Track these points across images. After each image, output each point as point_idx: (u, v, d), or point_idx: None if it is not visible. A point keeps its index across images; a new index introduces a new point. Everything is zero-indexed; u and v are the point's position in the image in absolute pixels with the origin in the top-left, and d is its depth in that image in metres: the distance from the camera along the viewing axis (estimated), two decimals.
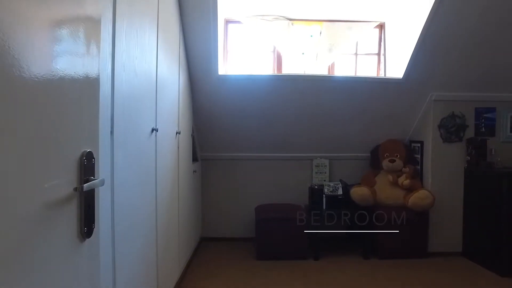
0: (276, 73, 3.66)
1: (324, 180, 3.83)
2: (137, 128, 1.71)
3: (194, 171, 3.47)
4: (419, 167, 3.65)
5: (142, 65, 1.77)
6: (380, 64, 3.75)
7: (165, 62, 2.31)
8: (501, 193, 3.05)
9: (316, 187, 3.63)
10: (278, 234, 3.35)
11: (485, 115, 3.53)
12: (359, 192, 3.39)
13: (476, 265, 3.29)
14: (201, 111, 3.54)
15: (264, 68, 3.73)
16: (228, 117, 3.58)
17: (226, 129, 3.70)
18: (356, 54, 3.78)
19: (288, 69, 3.67)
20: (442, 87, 3.42)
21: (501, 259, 3.05)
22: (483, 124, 3.53)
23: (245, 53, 3.74)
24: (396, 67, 3.42)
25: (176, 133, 2.63)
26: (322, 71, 3.62)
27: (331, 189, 3.55)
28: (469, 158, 3.45)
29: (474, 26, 2.94)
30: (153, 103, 2.00)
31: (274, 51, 3.71)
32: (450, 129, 3.48)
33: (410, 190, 3.40)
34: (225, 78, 3.32)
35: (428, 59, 3.16)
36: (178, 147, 2.68)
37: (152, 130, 1.95)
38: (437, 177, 3.49)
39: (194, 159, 3.71)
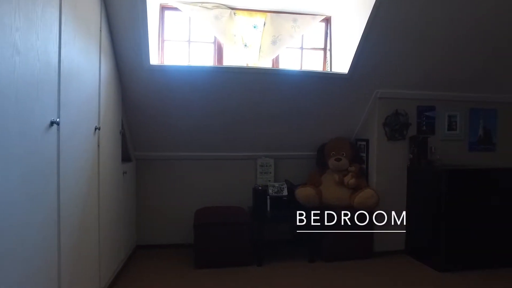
0: (216, 65, 3.38)
1: (269, 181, 3.64)
2: (22, 120, 1.34)
3: (124, 173, 3.07)
4: (364, 165, 3.59)
5: (30, 41, 1.40)
6: (326, 59, 3.63)
7: (76, 45, 1.92)
8: (440, 191, 3.06)
9: (260, 188, 3.42)
10: (219, 239, 3.08)
11: (426, 113, 3.56)
12: (304, 193, 3.23)
13: (417, 262, 3.29)
14: (133, 105, 3.16)
15: (204, 59, 3.44)
16: (165, 112, 3.24)
17: (163, 126, 3.35)
18: (301, 48, 3.63)
19: (230, 61, 3.41)
20: (387, 84, 3.38)
21: (439, 255, 3.07)
22: (424, 123, 3.56)
23: (183, 43, 3.41)
24: (342, 63, 3.31)
25: (95, 128, 2.25)
26: (266, 64, 3.41)
27: (275, 190, 3.37)
28: (411, 156, 3.46)
29: (415, 24, 2.90)
30: (53, 90, 1.62)
31: (214, 41, 3.43)
32: (394, 127, 3.45)
33: (355, 189, 3.32)
34: (158, 69, 2.97)
35: (372, 55, 3.07)
36: (98, 145, 2.30)
37: (52, 123, 1.58)
38: (382, 175, 3.45)
39: (126, 159, 3.33)
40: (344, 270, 3.07)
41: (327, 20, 3.59)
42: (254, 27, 3.39)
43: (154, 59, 3.02)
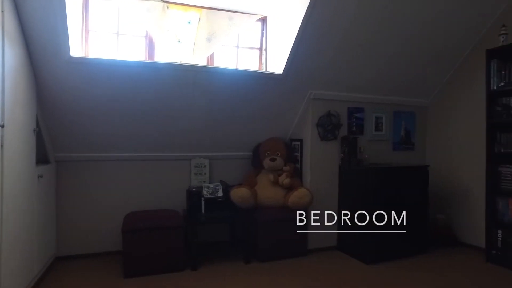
0: (148, 60, 3.19)
1: (204, 182, 3.53)
2: None
3: (40, 176, 2.75)
4: (299, 165, 3.66)
5: None
6: (262, 59, 3.63)
7: None
8: (367, 188, 3.23)
9: (194, 189, 3.30)
10: (150, 245, 2.91)
11: (355, 114, 3.74)
12: (238, 194, 3.19)
13: (348, 256, 3.44)
14: (51, 101, 2.84)
15: (135, 54, 3.22)
16: (89, 110, 2.97)
17: (87, 124, 3.07)
18: (237, 46, 3.58)
19: (162, 57, 3.23)
20: (320, 85, 3.47)
21: (366, 249, 3.25)
22: (354, 123, 3.73)
23: (111, 35, 3.15)
24: (277, 63, 3.33)
25: None
26: (200, 61, 3.30)
27: (210, 191, 3.27)
28: (343, 155, 3.60)
29: (347, 29, 3.03)
30: None
31: (146, 36, 3.23)
32: (327, 127, 3.57)
33: (290, 189, 3.36)
34: (80, 61, 2.69)
35: (306, 57, 3.14)
36: (1, 145, 2.00)
37: None
38: (316, 174, 3.55)
39: (43, 160, 2.99)
40: (279, 269, 3.09)
41: (263, 20, 3.59)
42: (189, 22, 3.27)
43: (76, 51, 2.74)
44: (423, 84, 3.99)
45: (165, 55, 3.23)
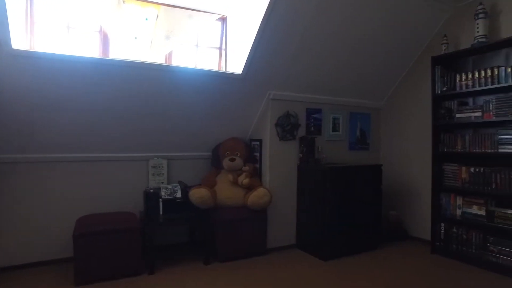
0: (102, 56, 3.05)
1: (162, 183, 3.44)
2: None
3: None
4: (258, 165, 3.69)
5: None
6: (222, 58, 3.61)
7: None
8: (325, 187, 3.33)
9: (152, 190, 3.21)
10: (104, 249, 2.77)
11: (313, 115, 3.84)
12: (197, 194, 3.14)
13: (306, 254, 3.52)
14: None
15: (88, 49, 3.06)
16: (37, 107, 2.77)
17: (35, 123, 2.86)
18: (197, 45, 3.54)
19: (118, 54, 3.11)
20: (279, 86, 3.53)
21: (323, 246, 3.34)
22: (312, 124, 3.83)
23: (62, 29, 2.97)
24: (237, 63, 3.34)
25: None
26: (158, 59, 3.22)
27: (168, 192, 3.20)
28: (301, 155, 3.68)
29: (306, 31, 3.11)
30: None
31: (100, 31, 3.09)
32: (286, 127, 3.63)
33: (249, 189, 3.37)
34: (24, 55, 2.50)
35: (265, 57, 3.18)
36: None
37: None
38: (275, 174, 3.59)
39: None
40: (239, 269, 3.09)
41: (223, 19, 3.58)
42: (146, 19, 3.17)
43: (19, 43, 2.55)
44: (377, 87, 4.20)
45: (121, 51, 3.11)
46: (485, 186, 3.15)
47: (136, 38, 3.11)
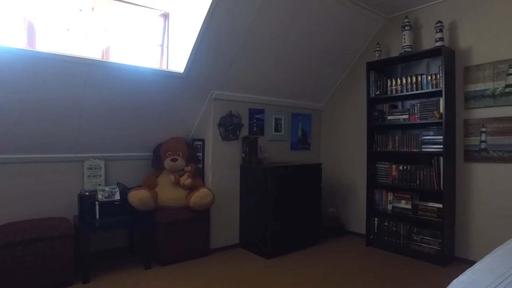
0: (28, 48, 2.80)
1: (99, 185, 3.26)
2: None
3: None
4: (201, 165, 3.65)
5: None
6: (164, 56, 3.52)
7: None
8: (267, 186, 3.40)
9: (87, 193, 3.01)
10: (30, 260, 2.54)
11: (256, 115, 3.90)
12: (137, 196, 3.02)
13: (249, 253, 3.56)
14: None
15: (13, 40, 2.78)
16: None
17: None
18: (137, 42, 3.40)
19: (47, 46, 2.87)
20: (222, 86, 3.52)
21: (265, 244, 3.41)
22: (255, 124, 3.89)
23: None
24: (179, 61, 3.27)
25: None
26: (95, 54, 3.04)
27: (106, 195, 3.04)
28: (244, 155, 3.72)
29: (249, 31, 3.14)
30: None
31: (25, 20, 2.83)
32: (228, 127, 3.64)
33: (192, 189, 3.33)
34: None
35: (208, 56, 3.15)
36: None
37: None
38: (217, 174, 3.58)
39: None
40: (181, 272, 3.03)
41: (166, 16, 3.49)
42: (80, 10, 2.98)
43: None
44: (317, 90, 4.38)
45: (52, 43, 2.87)
46: (411, 183, 3.45)
47: (68, 30, 2.91)
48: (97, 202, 2.98)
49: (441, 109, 3.18)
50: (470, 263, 1.78)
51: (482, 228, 3.15)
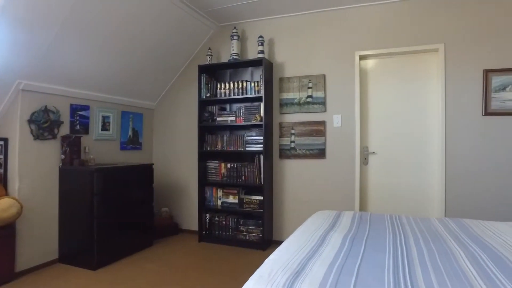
0: None
1: None
2: None
3: None
4: (2, 170, 2.96)
5: None
6: None
7: None
8: (92, 190, 3.07)
9: None
10: None
11: (80, 112, 3.46)
12: None
13: (72, 267, 3.14)
14: None
15: None
16: None
17: None
18: None
19: None
20: (34, 76, 2.95)
21: (91, 254, 3.08)
22: (78, 122, 3.44)
23: None
24: None
25: None
26: None
27: None
28: (63, 156, 3.23)
29: (69, 17, 2.73)
30: None
31: None
32: (43, 125, 3.09)
33: None
34: None
35: (13, 35, 2.57)
36: None
37: None
38: (27, 180, 2.99)
39: None
40: None
41: None
42: None
43: None
44: (150, 88, 4.25)
45: None
46: (238, 179, 3.81)
47: None
48: None
49: (262, 113, 3.64)
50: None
51: (291, 213, 3.80)
